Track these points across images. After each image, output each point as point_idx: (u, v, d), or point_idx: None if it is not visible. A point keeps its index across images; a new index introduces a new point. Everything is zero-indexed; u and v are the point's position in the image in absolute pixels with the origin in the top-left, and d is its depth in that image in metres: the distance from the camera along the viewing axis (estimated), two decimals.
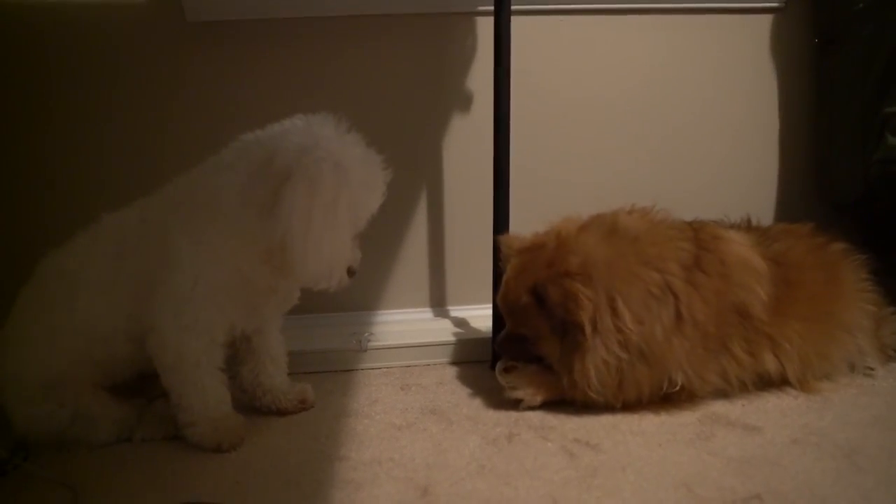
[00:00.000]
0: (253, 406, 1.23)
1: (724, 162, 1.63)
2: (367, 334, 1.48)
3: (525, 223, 1.32)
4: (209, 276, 1.05)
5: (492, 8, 1.31)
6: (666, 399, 1.17)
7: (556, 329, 1.14)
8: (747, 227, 1.34)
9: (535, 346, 1.21)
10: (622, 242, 1.16)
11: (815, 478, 0.97)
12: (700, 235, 1.21)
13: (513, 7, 1.30)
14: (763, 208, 1.64)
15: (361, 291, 1.60)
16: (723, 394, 1.20)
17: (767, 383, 1.22)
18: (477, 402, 1.25)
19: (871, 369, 1.27)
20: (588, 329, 1.10)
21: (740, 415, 1.16)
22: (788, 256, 1.25)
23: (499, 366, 1.27)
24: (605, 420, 1.15)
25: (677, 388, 1.15)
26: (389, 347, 1.45)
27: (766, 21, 1.57)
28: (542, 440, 1.10)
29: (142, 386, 1.19)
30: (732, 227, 1.32)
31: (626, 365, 1.12)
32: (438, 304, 1.63)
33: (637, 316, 1.11)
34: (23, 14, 1.41)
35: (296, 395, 1.24)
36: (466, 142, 1.54)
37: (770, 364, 1.19)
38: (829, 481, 0.96)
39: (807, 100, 1.61)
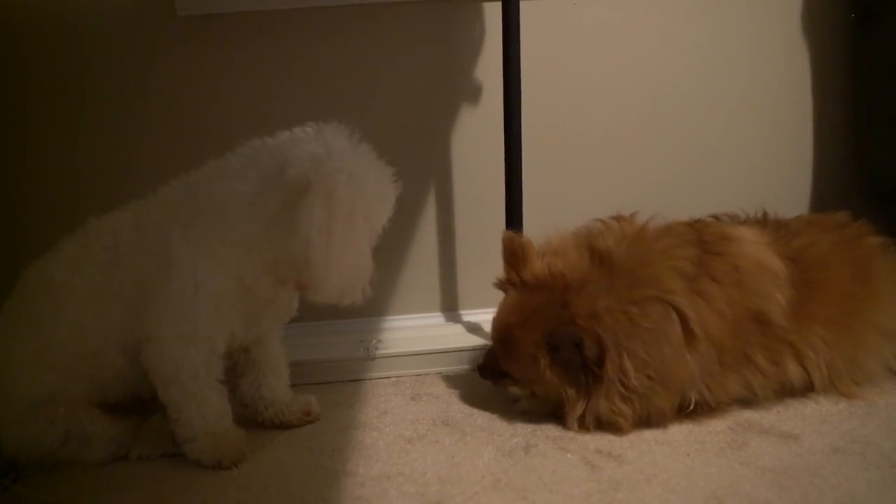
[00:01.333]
0: (255, 420, 1.23)
1: (754, 150, 1.61)
2: (374, 342, 1.47)
3: (540, 221, 1.30)
4: (211, 285, 1.05)
5: None
6: (687, 415, 1.15)
7: (571, 374, 1.13)
8: (763, 221, 1.29)
9: (526, 387, 1.21)
10: (622, 286, 1.12)
11: (858, 489, 0.95)
12: (705, 237, 1.17)
13: None
14: (798, 199, 1.62)
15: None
16: (748, 403, 1.18)
17: (795, 392, 1.19)
18: (491, 412, 1.24)
19: None
20: (606, 374, 1.09)
21: (775, 422, 1.14)
22: (810, 253, 1.21)
23: None
24: None
25: (691, 406, 1.13)
26: (399, 355, 1.44)
27: None
28: (561, 451, 1.09)
29: (137, 406, 1.19)
30: (745, 222, 1.28)
31: (637, 406, 1.11)
32: (450, 308, 1.63)
33: (643, 361, 1.09)
34: (3, 7, 1.43)
35: (300, 407, 1.24)
36: (476, 136, 1.53)
37: (794, 373, 1.16)
38: (875, 493, 0.94)
39: (844, 81, 1.59)
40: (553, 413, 1.19)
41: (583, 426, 1.14)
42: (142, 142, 1.48)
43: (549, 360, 1.13)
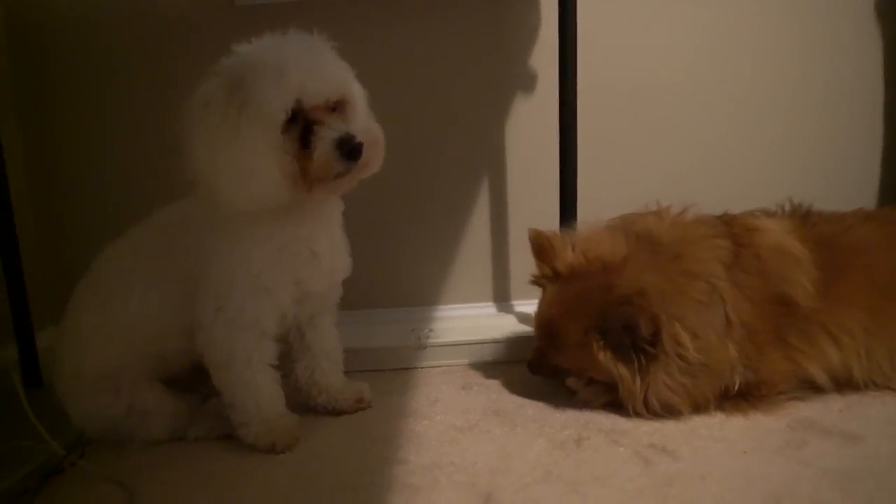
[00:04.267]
0: (307, 405, 1.25)
1: (820, 142, 1.56)
2: (426, 330, 1.48)
3: (594, 212, 1.29)
4: (247, 263, 1.05)
5: None
6: (744, 397, 1.14)
7: (622, 355, 1.12)
8: (793, 212, 1.27)
9: (581, 375, 1.21)
10: (665, 260, 1.14)
11: None
12: (734, 230, 1.19)
13: None
14: (866, 192, 1.56)
15: (420, 285, 1.61)
16: (811, 389, 1.17)
17: (840, 382, 1.17)
18: (543, 403, 1.23)
19: None
20: (663, 348, 1.10)
21: (837, 421, 1.10)
22: (845, 239, 1.20)
23: None
24: (683, 424, 1.12)
25: (736, 388, 1.13)
26: (450, 344, 1.45)
27: None
28: (613, 445, 1.08)
29: (196, 381, 1.22)
30: (774, 214, 1.27)
31: (691, 385, 1.11)
32: (502, 298, 1.63)
33: (694, 333, 1.10)
34: (64, 3, 1.48)
35: (352, 394, 1.25)
36: (530, 126, 1.52)
37: (833, 357, 1.14)
38: None
39: None
40: (613, 402, 1.18)
41: (649, 409, 1.13)
42: None
43: (600, 343, 1.13)
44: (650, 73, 1.52)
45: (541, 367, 1.25)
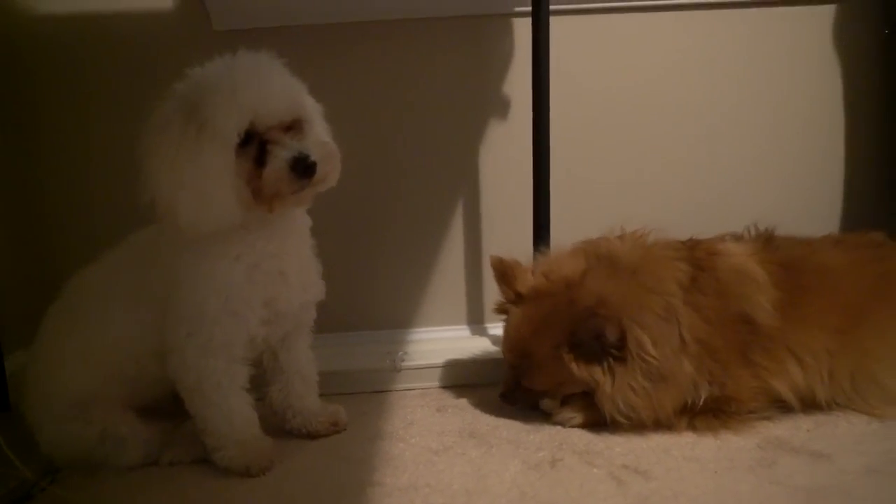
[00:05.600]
0: (283, 428, 1.24)
1: (785, 166, 1.60)
2: (401, 353, 1.48)
3: (567, 233, 1.31)
4: (216, 287, 1.05)
5: (529, 9, 1.31)
6: (713, 413, 1.17)
7: (594, 362, 1.15)
8: (758, 236, 1.30)
9: (555, 394, 1.23)
10: (625, 275, 1.18)
11: None
12: (696, 254, 1.22)
13: (551, 7, 1.31)
14: (829, 216, 1.60)
15: (395, 308, 1.61)
16: (779, 408, 1.19)
17: (805, 401, 1.19)
18: (518, 425, 1.24)
19: None
20: (629, 352, 1.13)
21: (806, 440, 1.13)
22: (809, 262, 1.23)
23: None
24: (656, 444, 1.13)
25: (702, 402, 1.15)
26: (425, 367, 1.45)
27: (828, 12, 1.55)
28: (587, 466, 1.09)
29: (171, 409, 1.21)
30: (738, 238, 1.30)
31: (651, 389, 1.14)
32: (476, 321, 1.64)
33: (653, 339, 1.13)
34: (47, 27, 1.48)
35: (327, 417, 1.25)
36: (504, 149, 1.55)
37: (796, 377, 1.17)
38: None
39: (876, 96, 1.57)
40: (586, 423, 1.21)
41: (619, 412, 1.14)
42: None
43: (572, 356, 1.15)
44: (622, 99, 1.56)
45: (515, 395, 1.26)
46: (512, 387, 1.26)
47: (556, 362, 1.16)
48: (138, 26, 1.47)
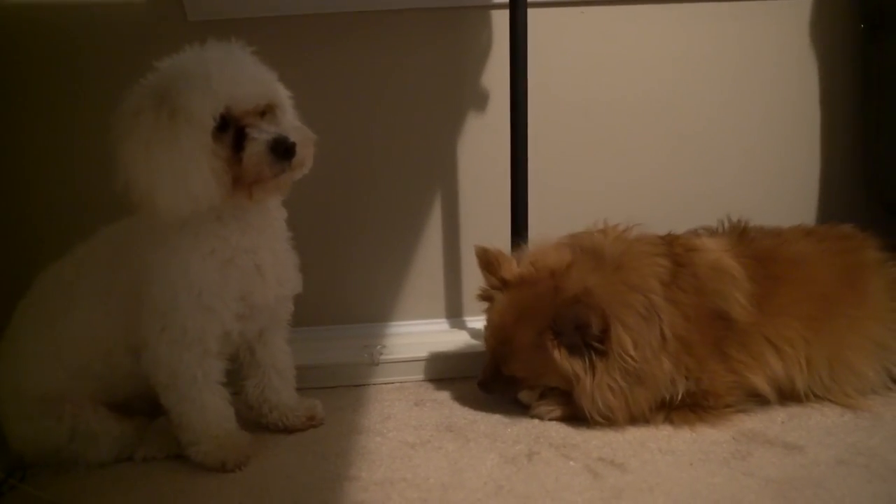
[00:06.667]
0: (259, 423, 1.24)
1: (762, 161, 1.61)
2: (379, 347, 1.48)
3: (545, 228, 1.32)
4: (188, 281, 1.04)
5: (507, 1, 1.31)
6: (690, 408, 1.17)
7: (576, 354, 1.15)
8: (732, 229, 1.32)
9: (534, 384, 1.23)
10: (609, 270, 1.18)
11: (863, 501, 0.94)
12: (674, 250, 1.23)
13: None
14: (805, 211, 1.62)
15: (373, 302, 1.61)
16: (756, 402, 1.20)
17: (784, 392, 1.21)
18: (496, 418, 1.24)
19: None
20: (611, 346, 1.13)
21: (779, 432, 1.14)
22: (780, 252, 1.25)
23: None
24: (632, 437, 1.14)
25: (679, 397, 1.16)
26: (403, 361, 1.45)
27: (804, 7, 1.56)
28: (563, 459, 1.09)
29: (145, 404, 1.20)
30: (714, 233, 1.32)
31: (627, 390, 1.14)
32: (455, 314, 1.64)
33: (634, 340, 1.13)
34: (18, 14, 1.45)
35: (304, 411, 1.25)
36: (482, 143, 1.55)
37: (776, 367, 1.18)
38: None
39: (852, 91, 1.59)
40: (564, 417, 1.21)
41: (596, 409, 1.15)
42: None
43: (554, 342, 1.15)
44: (599, 92, 1.56)
45: (494, 382, 1.26)
46: (491, 375, 1.25)
47: (537, 350, 1.16)
48: (108, 16, 1.45)
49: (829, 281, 1.24)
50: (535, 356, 1.17)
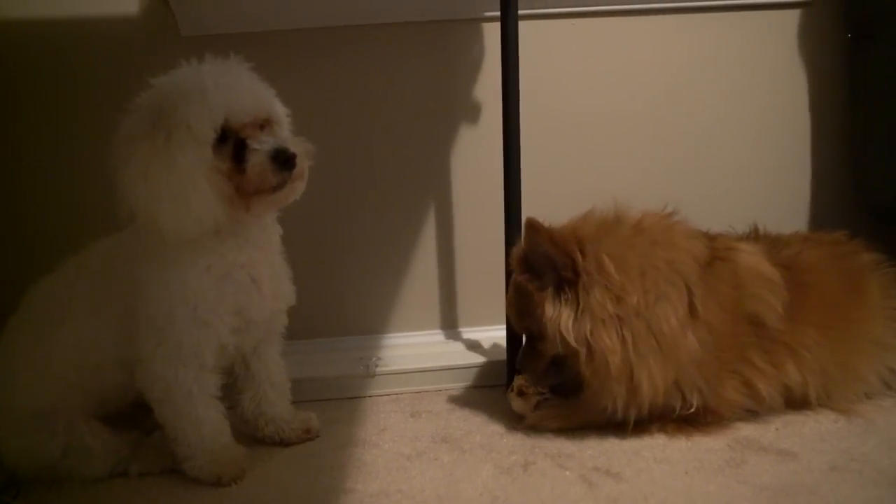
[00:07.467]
0: (255, 436, 1.24)
1: (752, 169, 1.62)
2: (374, 359, 1.48)
3: None
4: (184, 296, 1.04)
5: (498, 13, 1.32)
6: (688, 422, 1.17)
7: (559, 293, 1.13)
8: (755, 235, 1.33)
9: (519, 327, 1.22)
10: (627, 232, 1.16)
11: None
12: (715, 244, 1.22)
13: (520, 11, 1.31)
14: (795, 217, 1.63)
15: (368, 314, 1.61)
16: (752, 412, 1.20)
17: (794, 401, 1.21)
18: (491, 429, 1.25)
19: None
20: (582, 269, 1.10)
21: (773, 439, 1.14)
22: (800, 260, 1.25)
23: (512, 387, 1.27)
24: (628, 446, 1.15)
25: (692, 409, 1.14)
26: (398, 372, 1.45)
27: (792, 17, 1.57)
28: (559, 469, 1.10)
29: (138, 417, 1.20)
30: (742, 238, 1.31)
31: (628, 335, 1.09)
32: (450, 325, 1.64)
33: (633, 284, 1.10)
34: (11, 30, 1.46)
35: (300, 424, 1.25)
36: (475, 154, 1.55)
37: (793, 375, 1.18)
38: None
39: (840, 99, 1.60)
40: (560, 428, 1.21)
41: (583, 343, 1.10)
42: None
43: (536, 286, 1.13)
44: (590, 103, 1.57)
45: (523, 357, 1.22)
46: (522, 349, 1.23)
47: (528, 297, 1.15)
48: (101, 31, 1.46)
49: (837, 287, 1.25)
50: (533, 303, 1.15)
